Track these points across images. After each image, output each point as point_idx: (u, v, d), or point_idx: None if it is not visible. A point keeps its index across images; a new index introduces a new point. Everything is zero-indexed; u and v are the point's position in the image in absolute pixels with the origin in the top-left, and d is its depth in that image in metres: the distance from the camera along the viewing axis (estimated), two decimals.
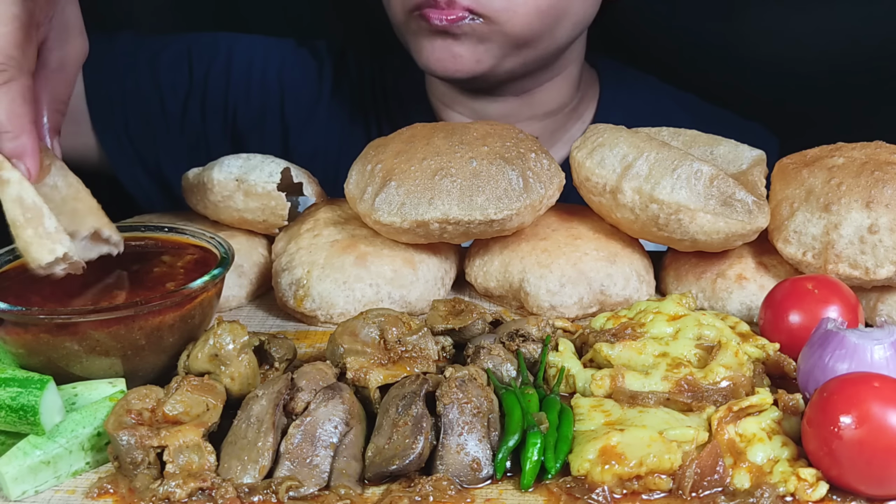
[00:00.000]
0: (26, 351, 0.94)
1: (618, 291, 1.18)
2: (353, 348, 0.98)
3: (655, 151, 1.13)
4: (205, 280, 0.99)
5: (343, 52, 1.72)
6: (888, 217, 1.09)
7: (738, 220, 1.11)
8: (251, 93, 1.67)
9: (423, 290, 1.20)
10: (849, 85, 1.75)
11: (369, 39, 1.77)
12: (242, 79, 1.67)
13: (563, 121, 1.64)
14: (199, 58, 1.66)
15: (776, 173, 1.22)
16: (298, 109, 1.68)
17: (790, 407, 0.90)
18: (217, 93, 1.66)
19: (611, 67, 1.72)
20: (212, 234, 1.10)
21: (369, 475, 0.86)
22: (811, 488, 0.83)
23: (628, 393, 0.94)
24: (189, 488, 0.83)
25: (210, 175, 1.22)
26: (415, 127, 1.25)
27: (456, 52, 1.40)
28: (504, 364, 1.00)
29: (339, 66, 1.71)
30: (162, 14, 1.91)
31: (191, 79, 1.65)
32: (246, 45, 1.69)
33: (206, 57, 1.66)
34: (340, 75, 1.70)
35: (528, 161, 1.18)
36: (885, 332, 0.92)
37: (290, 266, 1.20)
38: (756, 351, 1.01)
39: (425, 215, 1.13)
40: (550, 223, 1.24)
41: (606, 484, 0.83)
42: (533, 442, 0.86)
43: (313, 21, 1.92)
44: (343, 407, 0.90)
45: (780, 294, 1.06)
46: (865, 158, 1.15)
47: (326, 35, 1.77)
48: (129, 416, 0.87)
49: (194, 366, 0.96)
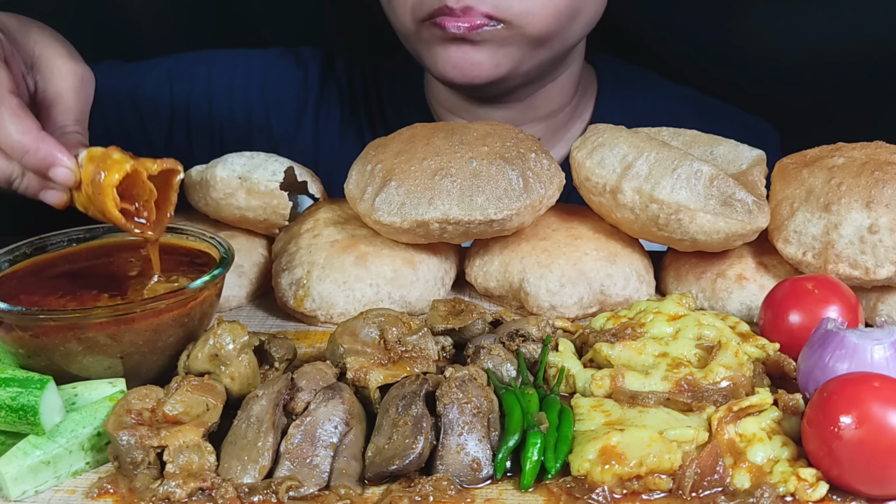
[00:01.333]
0: (26, 351, 0.94)
1: (618, 291, 1.18)
2: (353, 348, 0.98)
3: (655, 151, 1.13)
4: (205, 280, 0.99)
5: (331, 57, 1.70)
6: (888, 217, 1.09)
7: (738, 220, 1.11)
8: (235, 112, 1.66)
9: (423, 290, 1.20)
10: (849, 84, 1.75)
11: (370, 39, 1.77)
12: (225, 99, 1.66)
13: (563, 120, 1.64)
14: (180, 82, 1.65)
15: (776, 173, 1.22)
16: (285, 122, 1.67)
17: (790, 407, 0.90)
18: (201, 116, 1.65)
19: (609, 65, 1.71)
20: (212, 234, 1.10)
21: (369, 475, 0.86)
22: (811, 488, 0.83)
23: (628, 393, 0.94)
24: (189, 488, 0.83)
25: (213, 172, 1.22)
26: (415, 127, 1.25)
27: (474, 58, 1.38)
28: (504, 364, 1.00)
29: (325, 72, 1.69)
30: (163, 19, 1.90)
31: (172, 103, 1.64)
32: (227, 63, 1.68)
33: (186, 80, 1.65)
34: (327, 82, 1.68)
35: (528, 161, 1.18)
36: (885, 332, 0.92)
37: (290, 266, 1.20)
38: (756, 351, 1.01)
39: (425, 215, 1.13)
40: (550, 223, 1.24)
41: (606, 484, 0.83)
42: (533, 442, 0.86)
43: (314, 22, 1.91)
44: (343, 407, 0.90)
45: (780, 294, 1.06)
46: (865, 158, 1.15)
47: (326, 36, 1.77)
48: (129, 416, 0.87)
49: (194, 366, 0.96)
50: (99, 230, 1.11)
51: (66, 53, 1.07)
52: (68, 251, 1.09)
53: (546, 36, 1.39)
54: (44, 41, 1.06)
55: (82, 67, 1.07)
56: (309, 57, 1.70)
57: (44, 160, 0.97)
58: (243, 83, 1.66)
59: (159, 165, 0.99)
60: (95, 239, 1.11)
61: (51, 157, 0.97)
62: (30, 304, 0.96)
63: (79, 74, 1.07)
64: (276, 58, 1.70)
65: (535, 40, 1.39)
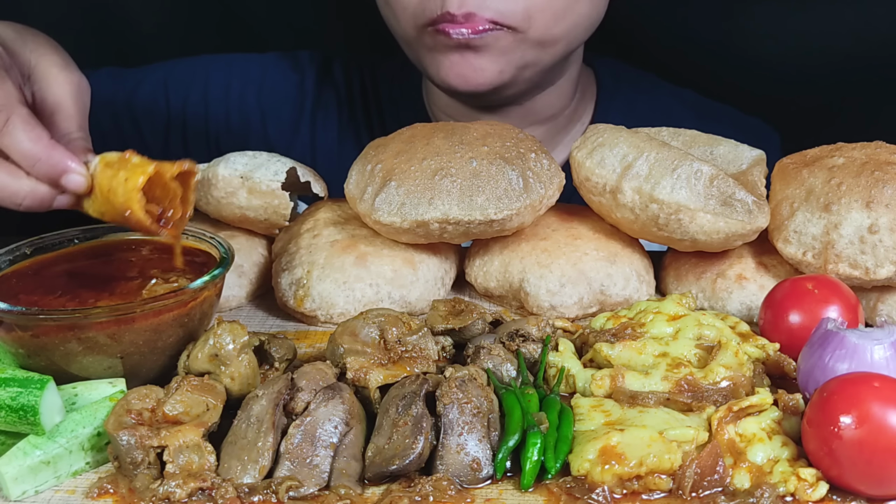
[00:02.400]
0: (26, 351, 0.95)
1: (618, 291, 1.18)
2: (353, 348, 0.98)
3: (655, 151, 1.13)
4: (205, 280, 0.99)
5: (328, 61, 1.70)
6: (888, 217, 1.09)
7: (738, 220, 1.11)
8: (231, 118, 1.65)
9: (423, 290, 1.20)
10: (849, 84, 1.75)
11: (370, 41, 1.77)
12: (221, 105, 1.65)
13: (563, 124, 1.64)
14: (176, 88, 1.64)
15: (776, 173, 1.22)
16: (282, 127, 1.66)
17: (790, 407, 0.90)
18: (197, 122, 1.64)
19: (608, 67, 1.71)
20: (211, 234, 1.10)
21: (369, 475, 0.86)
22: (811, 488, 0.83)
23: (628, 393, 0.94)
24: (189, 488, 0.83)
25: (215, 170, 1.22)
26: (415, 127, 1.25)
27: (478, 65, 1.37)
28: (504, 364, 1.00)
29: (322, 76, 1.68)
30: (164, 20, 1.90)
31: (168, 110, 1.63)
32: (223, 69, 1.67)
33: (182, 87, 1.64)
34: (324, 86, 1.68)
35: (528, 161, 1.18)
36: (885, 332, 0.92)
37: (290, 266, 1.20)
38: (756, 351, 1.01)
39: (425, 215, 1.13)
40: (550, 223, 1.24)
41: (606, 484, 0.83)
42: (533, 442, 0.86)
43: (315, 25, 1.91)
44: (343, 407, 0.90)
45: (780, 294, 1.06)
46: (865, 158, 1.15)
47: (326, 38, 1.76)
48: (129, 416, 0.87)
49: (194, 366, 0.96)
50: (99, 230, 1.11)
51: (61, 62, 1.07)
52: (68, 251, 1.09)
53: (549, 40, 1.39)
54: (39, 50, 1.06)
55: (78, 76, 1.07)
56: (306, 61, 1.69)
57: (55, 168, 0.97)
58: (239, 89, 1.66)
59: (178, 167, 1.00)
60: (95, 239, 1.11)
61: (62, 164, 0.97)
62: (29, 303, 0.96)
63: (75, 82, 1.07)
64: (272, 62, 1.69)
65: (538, 44, 1.38)
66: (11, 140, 0.96)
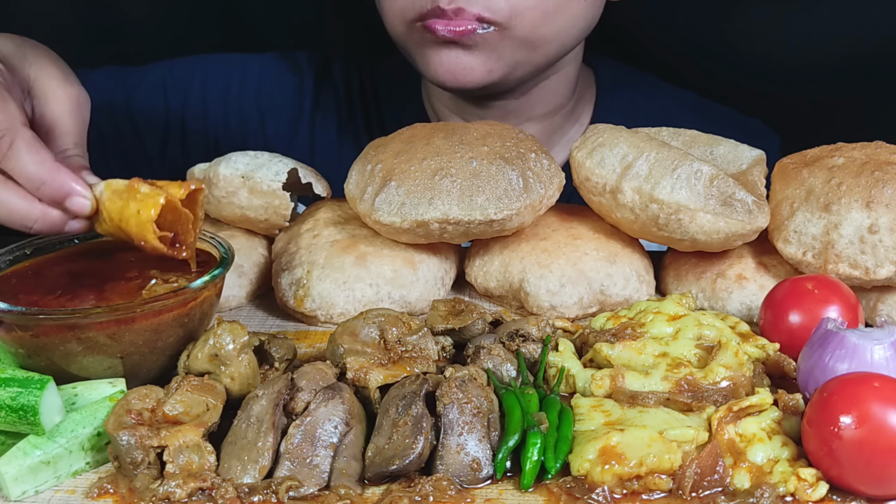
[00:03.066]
0: (26, 351, 0.94)
1: (618, 291, 1.18)
2: (353, 348, 0.98)
3: (655, 151, 1.13)
4: (205, 280, 0.99)
5: (327, 61, 1.69)
6: (888, 217, 1.09)
7: (738, 220, 1.11)
8: (230, 119, 1.65)
9: (423, 290, 1.20)
10: (849, 84, 1.75)
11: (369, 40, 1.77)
12: (219, 106, 1.65)
13: (560, 122, 1.64)
14: (175, 89, 1.64)
15: (776, 173, 1.22)
16: (280, 128, 1.66)
17: (790, 407, 0.90)
18: (196, 123, 1.64)
19: (607, 67, 1.71)
20: (212, 234, 1.10)
21: (369, 475, 0.86)
22: (811, 488, 0.83)
23: (628, 393, 0.94)
24: (189, 488, 0.83)
25: (216, 170, 1.22)
26: (415, 127, 1.25)
27: (466, 62, 1.37)
28: (504, 364, 1.00)
29: (321, 77, 1.68)
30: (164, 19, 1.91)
31: (167, 112, 1.63)
32: (221, 70, 1.67)
33: (181, 87, 1.64)
34: (323, 87, 1.68)
35: (528, 161, 1.18)
36: (885, 332, 0.92)
37: (290, 266, 1.20)
38: (756, 351, 1.01)
39: (425, 215, 1.13)
40: (550, 223, 1.24)
41: (606, 484, 0.83)
42: (533, 442, 0.86)
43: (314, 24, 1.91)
44: (343, 407, 0.90)
45: (780, 294, 1.06)
46: (865, 158, 1.15)
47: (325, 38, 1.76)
48: (129, 416, 0.87)
49: (194, 366, 0.96)
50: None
51: (60, 76, 1.06)
52: (68, 251, 1.09)
53: (537, 39, 1.38)
54: (39, 63, 1.06)
55: (77, 89, 1.07)
56: (305, 62, 1.69)
57: (59, 190, 0.97)
58: (238, 90, 1.66)
59: (186, 189, 1.00)
60: (95, 239, 1.11)
61: (67, 187, 0.97)
62: (29, 303, 0.96)
63: (74, 97, 1.06)
64: (271, 63, 1.69)
65: (526, 43, 1.38)
66: (16, 163, 0.96)
